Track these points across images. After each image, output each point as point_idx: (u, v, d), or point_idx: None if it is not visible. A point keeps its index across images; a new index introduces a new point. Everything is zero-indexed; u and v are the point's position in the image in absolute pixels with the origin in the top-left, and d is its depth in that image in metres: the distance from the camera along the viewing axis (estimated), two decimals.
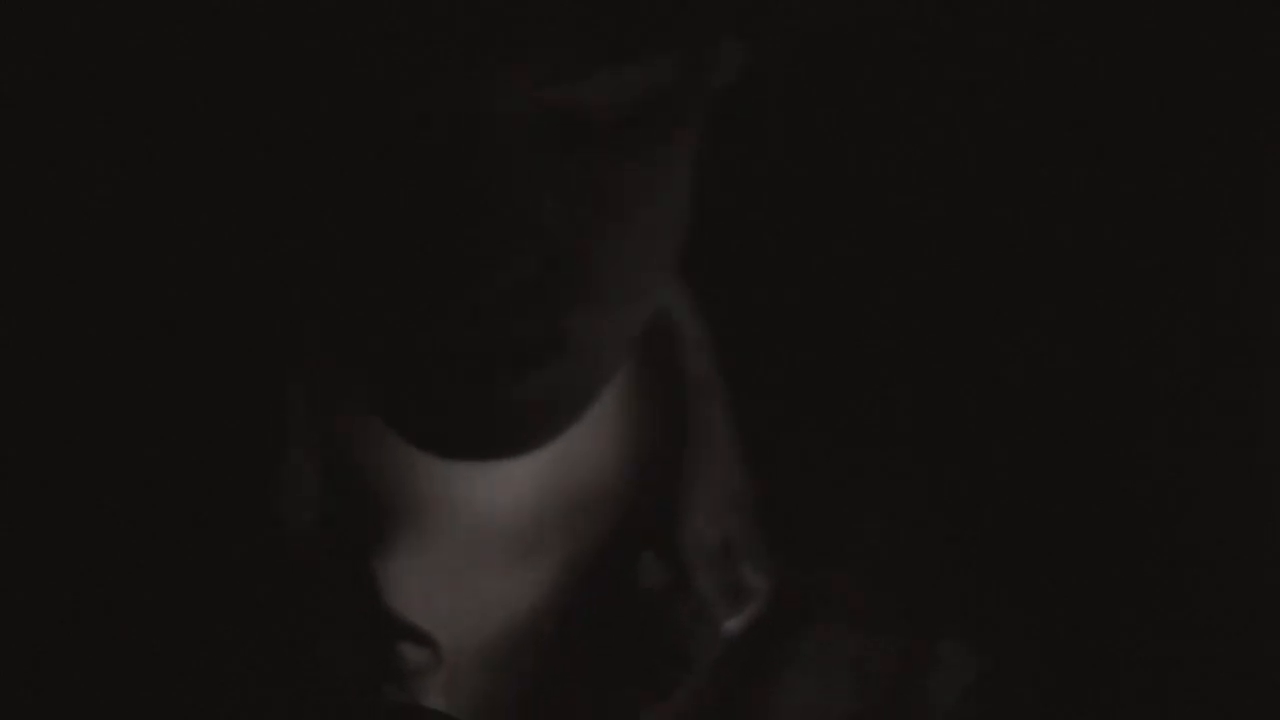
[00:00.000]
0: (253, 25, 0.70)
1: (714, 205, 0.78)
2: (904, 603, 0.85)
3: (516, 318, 0.71)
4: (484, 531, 0.82)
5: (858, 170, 0.94)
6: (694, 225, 0.77)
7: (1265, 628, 0.91)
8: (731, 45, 0.76)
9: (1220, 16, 0.92)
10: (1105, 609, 0.93)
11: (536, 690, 0.81)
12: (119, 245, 0.88)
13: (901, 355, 0.95)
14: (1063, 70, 0.94)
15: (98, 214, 0.88)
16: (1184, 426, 0.93)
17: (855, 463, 0.87)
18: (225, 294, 0.84)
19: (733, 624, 0.82)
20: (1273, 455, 0.92)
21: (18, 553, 0.80)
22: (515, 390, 0.72)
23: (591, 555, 0.83)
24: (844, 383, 0.93)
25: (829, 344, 0.94)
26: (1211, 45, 0.92)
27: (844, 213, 0.95)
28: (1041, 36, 0.94)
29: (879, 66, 0.94)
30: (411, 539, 0.81)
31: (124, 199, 0.88)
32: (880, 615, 0.84)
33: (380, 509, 0.81)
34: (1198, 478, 0.93)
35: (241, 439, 0.81)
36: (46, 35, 0.85)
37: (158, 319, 0.85)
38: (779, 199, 0.95)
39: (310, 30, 0.68)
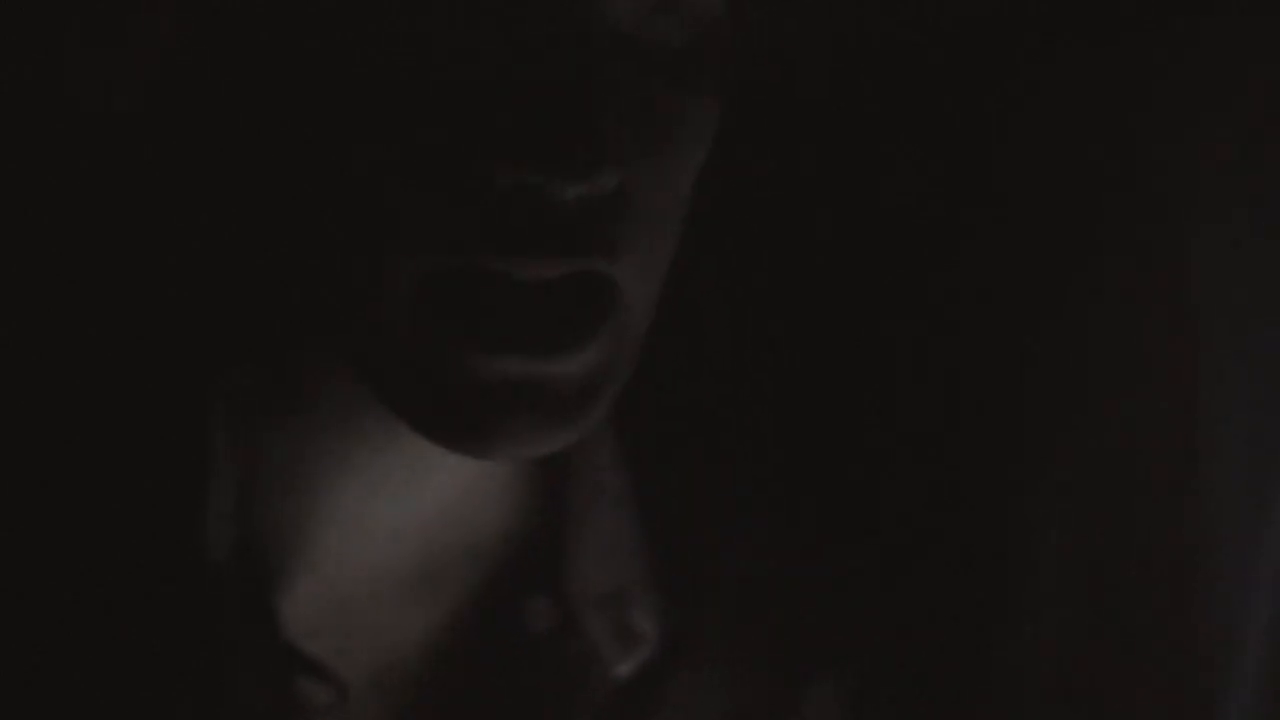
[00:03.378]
0: None
1: None
2: (776, 645, 0.87)
3: (581, 249, 0.71)
4: (380, 567, 0.83)
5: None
6: None
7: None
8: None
9: None
10: (967, 649, 0.94)
11: None
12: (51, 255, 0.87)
13: (772, 395, 0.96)
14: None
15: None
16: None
17: (732, 504, 0.89)
18: (151, 314, 0.83)
19: (624, 668, 0.84)
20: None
21: None
22: (572, 365, 0.72)
23: (482, 597, 0.84)
24: (720, 425, 0.94)
25: (703, 385, 0.95)
26: None
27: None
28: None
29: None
30: (312, 572, 0.82)
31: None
32: (752, 657, 0.86)
33: (285, 541, 0.81)
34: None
35: (164, 463, 0.80)
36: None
37: (81, 337, 0.83)
38: None
39: None
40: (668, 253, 0.76)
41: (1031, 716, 0.93)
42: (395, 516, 0.82)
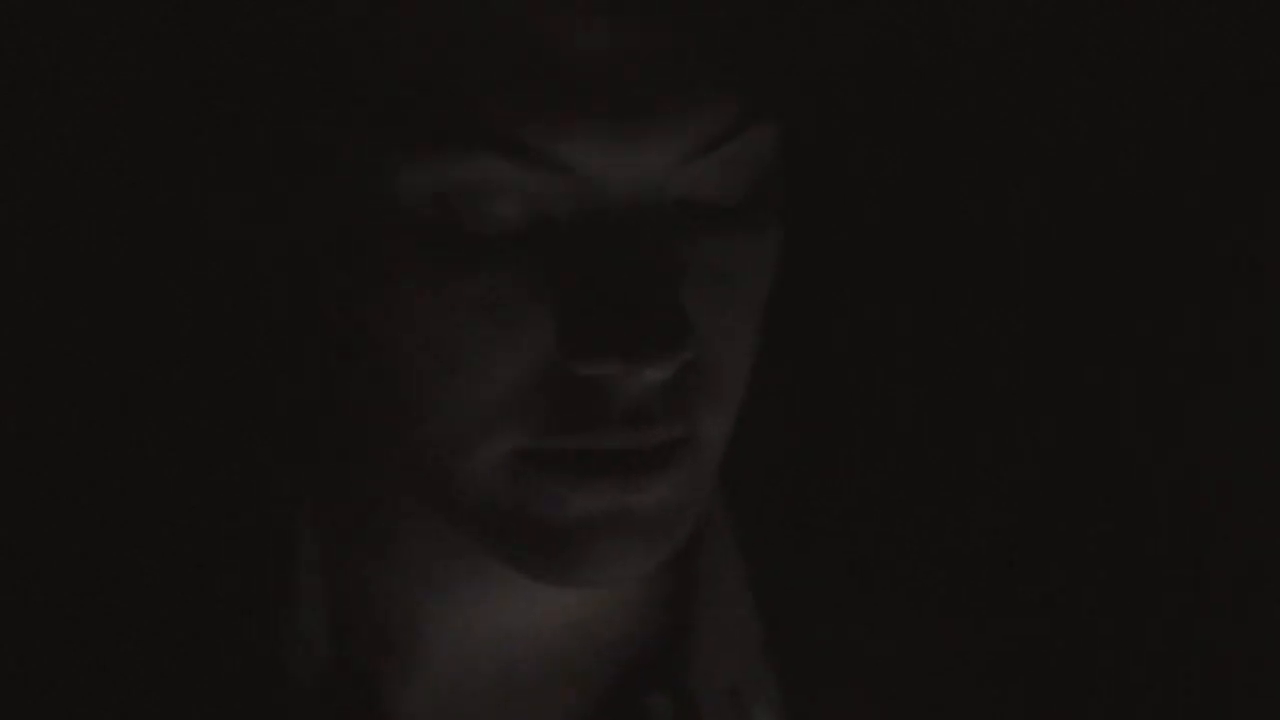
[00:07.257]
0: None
1: None
2: None
3: (662, 421, 0.71)
4: (498, 672, 0.82)
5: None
6: None
7: None
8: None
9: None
10: None
11: None
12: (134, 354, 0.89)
13: (890, 489, 0.95)
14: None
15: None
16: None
17: (858, 598, 0.87)
18: (239, 431, 0.84)
19: None
20: None
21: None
22: (651, 496, 0.72)
23: (602, 697, 0.82)
24: (839, 515, 0.92)
25: (820, 478, 0.94)
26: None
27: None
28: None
29: None
30: (421, 684, 0.81)
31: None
32: None
33: (389, 654, 0.81)
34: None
35: (249, 581, 0.81)
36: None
37: (171, 454, 0.85)
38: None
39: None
40: (742, 390, 0.75)
41: None
42: (509, 625, 0.81)
